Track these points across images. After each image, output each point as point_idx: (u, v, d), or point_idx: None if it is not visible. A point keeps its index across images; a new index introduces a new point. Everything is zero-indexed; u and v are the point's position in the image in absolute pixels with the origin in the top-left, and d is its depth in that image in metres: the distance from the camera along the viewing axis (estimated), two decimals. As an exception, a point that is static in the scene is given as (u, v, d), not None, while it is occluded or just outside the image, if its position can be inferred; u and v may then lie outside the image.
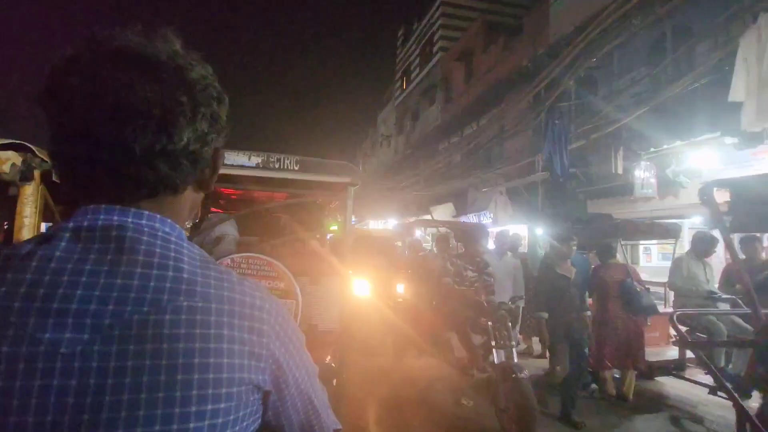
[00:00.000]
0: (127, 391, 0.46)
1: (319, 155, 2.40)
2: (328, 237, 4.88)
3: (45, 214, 1.66)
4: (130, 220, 0.54)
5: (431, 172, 15.89)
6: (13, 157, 1.48)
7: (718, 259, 5.29)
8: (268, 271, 2.19)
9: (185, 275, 0.53)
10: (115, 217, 0.53)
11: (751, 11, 4.91)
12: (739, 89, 4.05)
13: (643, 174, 6.80)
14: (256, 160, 2.29)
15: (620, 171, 7.14)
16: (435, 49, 19.86)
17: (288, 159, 2.34)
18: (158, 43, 0.55)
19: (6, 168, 1.45)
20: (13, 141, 1.48)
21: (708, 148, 6.15)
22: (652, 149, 6.84)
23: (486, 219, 11.15)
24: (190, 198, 0.62)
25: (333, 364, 2.34)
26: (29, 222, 1.53)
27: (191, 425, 0.48)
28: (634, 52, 8.12)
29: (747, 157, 5.58)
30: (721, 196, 2.25)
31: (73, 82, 0.51)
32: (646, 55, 8.02)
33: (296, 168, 2.36)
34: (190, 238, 0.62)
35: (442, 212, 13.37)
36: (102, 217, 0.53)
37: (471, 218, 11.49)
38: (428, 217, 11.77)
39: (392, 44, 26.97)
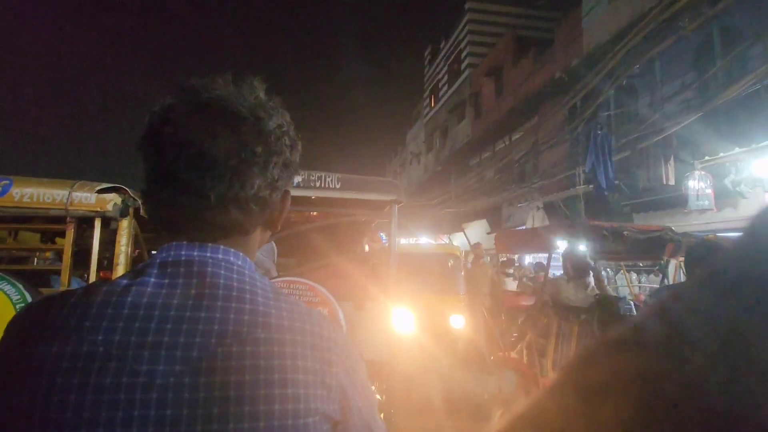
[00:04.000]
0: (216, 421, 0.49)
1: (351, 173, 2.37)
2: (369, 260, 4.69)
3: (135, 242, 2.07)
4: (208, 254, 0.57)
5: (463, 189, 15.63)
6: (114, 198, 1.89)
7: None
8: (310, 296, 2.06)
9: (261, 308, 0.55)
10: (195, 252, 0.57)
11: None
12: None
13: (698, 184, 6.33)
14: (297, 179, 2.18)
15: (672, 182, 6.71)
16: (463, 66, 19.83)
17: (329, 177, 2.23)
18: (244, 92, 0.59)
19: (110, 207, 1.87)
20: (114, 185, 1.92)
21: (771, 155, 5.66)
22: (707, 157, 6.39)
23: (523, 235, 10.76)
24: (258, 236, 0.65)
25: (380, 396, 2.16)
26: (125, 249, 1.91)
27: None
28: (679, 58, 7.73)
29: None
30: None
31: (165, 131, 0.56)
32: (692, 60, 7.61)
33: (338, 186, 2.25)
34: None
35: (475, 229, 13.04)
36: (183, 252, 0.57)
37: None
38: (460, 234, 11.49)
39: (420, 63, 27.23)
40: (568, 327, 3.00)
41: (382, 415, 2.10)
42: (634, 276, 8.24)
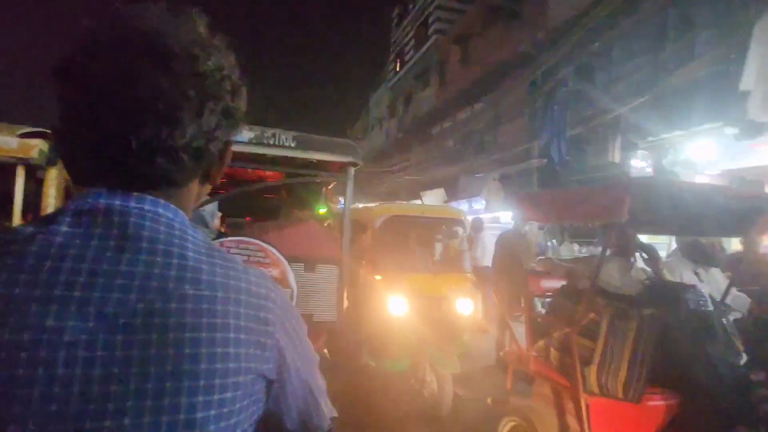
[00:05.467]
0: (133, 381, 0.46)
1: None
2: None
3: (68, 194, 1.86)
4: (132, 204, 0.52)
5: (423, 157, 15.72)
6: (40, 144, 1.68)
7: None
8: (261, 257, 2.03)
9: (190, 263, 0.52)
10: (117, 201, 0.51)
11: (757, 1, 4.80)
12: (749, 78, 3.95)
13: (639, 164, 6.75)
14: (248, 134, 2.09)
15: (617, 160, 7.09)
16: (431, 31, 19.43)
17: (284, 135, 2.15)
18: (180, 25, 0.53)
19: (34, 154, 1.67)
20: (40, 130, 1.71)
21: (706, 139, 6.09)
22: (650, 138, 6.77)
23: (478, 205, 11.07)
24: (195, 190, 0.60)
25: (329, 356, 2.22)
26: (53, 202, 1.73)
27: (198, 415, 0.47)
28: (635, 41, 7.98)
29: (745, 148, 5.54)
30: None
31: (83, 65, 0.50)
32: (647, 44, 7.89)
33: (293, 145, 2.18)
34: None
35: (433, 198, 13.27)
36: (103, 201, 0.51)
37: (462, 204, 11.40)
38: (418, 202, 11.65)
39: (387, 23, 26.37)
40: (624, 325, 2.18)
41: (329, 376, 2.17)
42: (576, 247, 8.78)
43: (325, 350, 2.26)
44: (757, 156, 5.49)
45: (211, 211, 2.41)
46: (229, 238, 2.01)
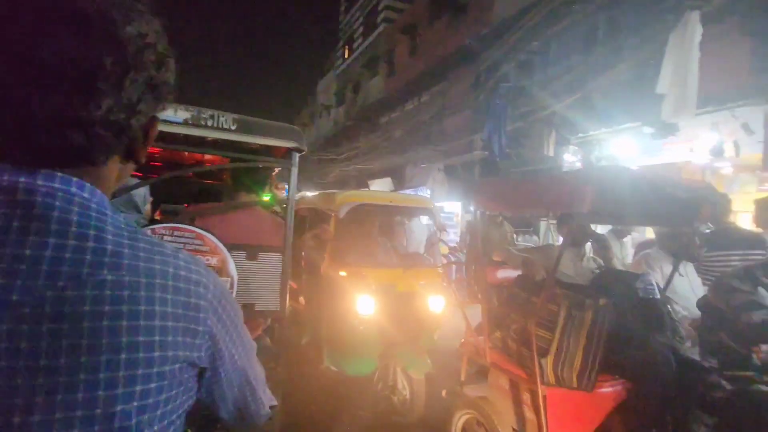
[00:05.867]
0: (42, 375, 0.43)
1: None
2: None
3: None
4: (39, 182, 0.47)
5: (371, 146, 15.73)
6: None
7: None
8: (198, 244, 1.94)
9: (109, 246, 0.48)
10: (22, 179, 0.47)
11: (674, 12, 5.29)
12: (664, 82, 4.36)
13: (571, 158, 7.24)
14: (183, 115, 1.98)
15: (551, 154, 7.54)
16: (379, 19, 19.33)
17: (223, 116, 2.06)
18: None
19: None
20: None
21: (627, 137, 6.67)
22: (580, 135, 7.28)
23: (423, 195, 11.33)
24: (116, 169, 0.56)
25: (271, 346, 2.19)
26: None
27: (118, 408, 0.45)
28: (569, 42, 8.49)
29: (659, 146, 6.13)
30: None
31: None
32: (579, 46, 8.42)
33: (233, 128, 2.10)
34: None
35: (380, 187, 13.37)
36: (6, 178, 0.46)
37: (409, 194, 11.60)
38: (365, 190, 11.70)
39: (335, 8, 25.84)
40: (580, 315, 2.16)
41: (273, 365, 2.14)
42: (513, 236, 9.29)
43: (268, 339, 2.23)
44: (669, 153, 6.10)
45: (143, 196, 2.27)
46: (162, 225, 1.90)
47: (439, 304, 3.69)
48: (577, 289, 2.37)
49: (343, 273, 3.61)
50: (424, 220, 6.74)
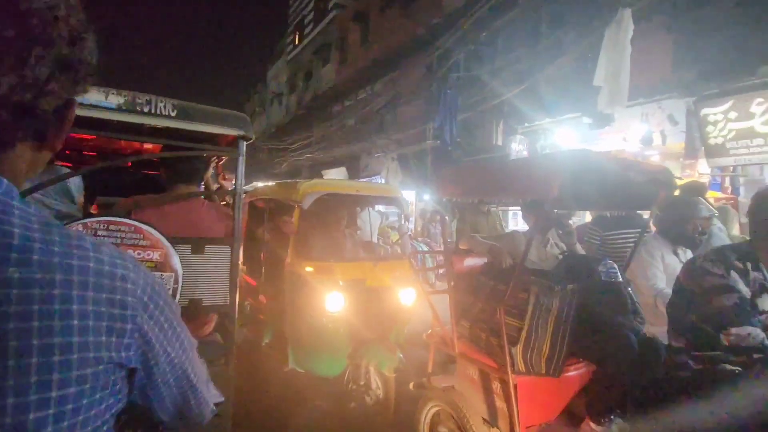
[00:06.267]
0: None
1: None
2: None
3: None
4: None
5: (324, 135, 15.52)
6: None
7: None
8: (137, 239, 1.82)
9: (17, 241, 0.44)
10: None
11: (609, 8, 5.61)
12: (600, 75, 4.64)
13: (518, 147, 7.54)
14: (117, 100, 1.83)
15: (500, 143, 7.81)
16: (330, 5, 18.93)
17: (162, 102, 1.94)
18: None
19: None
20: None
21: (569, 127, 7.04)
22: (526, 124, 7.58)
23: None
24: (26, 156, 0.50)
25: (221, 341, 2.12)
26: None
27: (30, 416, 0.42)
28: (516, 34, 8.78)
29: (596, 135, 6.53)
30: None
31: None
32: (525, 38, 8.74)
33: (173, 114, 1.98)
34: None
35: (335, 176, 13.25)
36: None
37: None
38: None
39: (284, -7, 24.97)
40: (549, 301, 2.16)
41: (223, 361, 2.08)
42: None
43: (218, 336, 2.16)
44: (605, 143, 6.52)
45: (78, 186, 2.10)
46: (95, 218, 1.77)
47: (409, 297, 3.60)
48: (544, 276, 2.35)
49: (309, 268, 3.41)
50: (380, 209, 6.72)
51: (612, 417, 2.22)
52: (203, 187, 2.88)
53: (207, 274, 2.02)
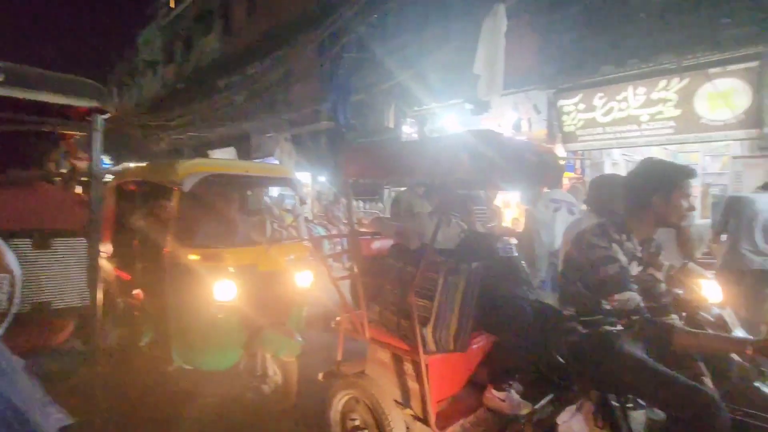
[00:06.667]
0: None
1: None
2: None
3: None
4: None
5: (210, 112, 14.26)
6: None
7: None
8: (-46, 231, 1.48)
9: None
10: None
11: (487, 2, 6.07)
12: (479, 64, 5.01)
13: (408, 129, 7.84)
14: None
15: (392, 125, 8.03)
16: (211, -34, 17.16)
17: (-19, 64, 1.58)
18: None
19: None
20: None
21: (453, 112, 7.53)
22: (416, 108, 7.90)
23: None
24: None
25: (78, 347, 1.85)
26: None
27: None
28: (405, 19, 8.98)
29: (477, 121, 7.11)
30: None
31: None
32: (414, 24, 9.00)
33: (1, 79, 1.63)
34: None
35: (223, 157, 12.33)
36: None
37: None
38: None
39: (154, -53, 21.87)
40: (455, 280, 2.20)
41: (85, 370, 1.82)
42: (360, 204, 9.75)
43: (78, 342, 1.88)
44: (484, 127, 7.14)
45: None
46: None
47: (306, 280, 3.53)
48: (449, 255, 2.41)
49: (193, 256, 3.17)
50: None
51: (511, 382, 2.37)
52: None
53: (56, 272, 1.72)
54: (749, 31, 4.65)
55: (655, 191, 1.90)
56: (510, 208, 7.11)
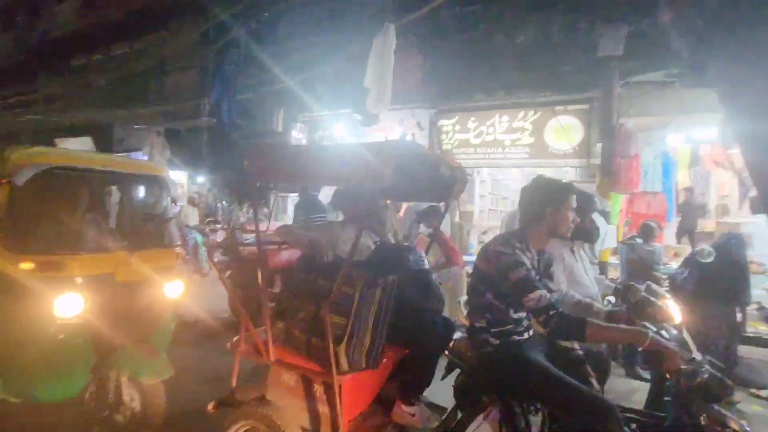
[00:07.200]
0: None
1: None
2: None
3: None
4: None
5: (60, 93, 12.08)
6: None
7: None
8: None
9: None
10: None
11: (378, 19, 6.30)
12: (369, 78, 5.17)
13: (297, 135, 7.69)
14: None
15: (280, 129, 7.79)
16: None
17: None
18: None
19: None
20: None
21: (343, 121, 7.63)
22: (307, 114, 7.80)
23: (139, 161, 9.66)
24: None
25: None
26: None
27: None
28: (299, 23, 8.83)
29: (366, 132, 7.31)
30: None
31: None
32: (307, 29, 8.90)
33: None
34: None
35: (76, 147, 10.53)
36: None
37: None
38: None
39: None
40: (371, 294, 2.10)
41: None
42: (247, 209, 9.22)
43: None
44: (372, 139, 7.36)
45: None
46: None
47: (175, 290, 3.21)
48: (362, 267, 2.32)
49: (26, 265, 2.66)
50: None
51: (420, 397, 2.39)
52: None
53: None
54: (583, 79, 5.68)
55: (548, 204, 2.10)
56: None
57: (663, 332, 2.01)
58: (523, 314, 2.16)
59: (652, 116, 5.77)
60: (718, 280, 3.98)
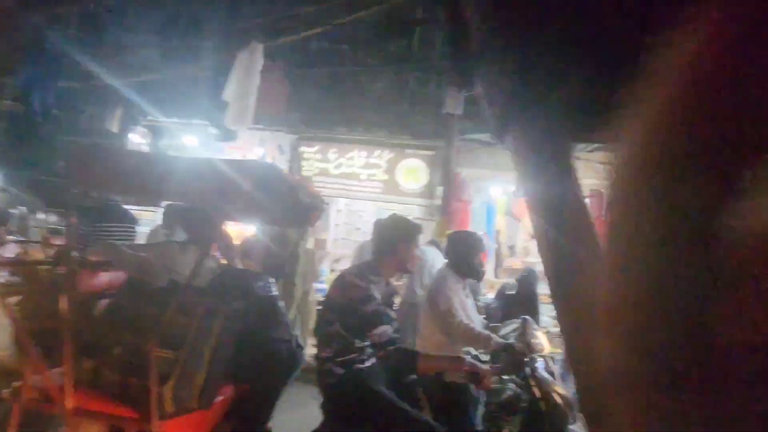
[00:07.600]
0: None
1: None
2: None
3: None
4: None
5: None
6: None
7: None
8: None
9: None
10: None
11: (245, 36, 6.12)
12: (229, 92, 4.93)
13: (138, 139, 6.77)
14: None
15: (116, 130, 6.76)
16: None
17: None
18: None
19: None
20: None
21: (196, 133, 7.03)
22: (150, 118, 6.96)
23: None
24: None
25: None
26: None
27: None
28: (146, 20, 7.97)
29: (223, 148, 6.87)
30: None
31: None
32: (157, 28, 8.07)
33: None
34: None
35: None
36: None
37: None
38: None
39: None
40: (210, 324, 1.86)
41: None
42: (53, 218, 7.54)
43: None
44: (229, 156, 6.94)
45: None
46: None
47: None
48: (202, 293, 2.10)
49: None
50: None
51: None
52: None
53: None
54: (431, 129, 6.48)
55: (401, 241, 2.22)
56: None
57: (540, 360, 2.29)
58: (367, 342, 2.28)
59: (481, 169, 6.88)
60: (517, 308, 4.84)
